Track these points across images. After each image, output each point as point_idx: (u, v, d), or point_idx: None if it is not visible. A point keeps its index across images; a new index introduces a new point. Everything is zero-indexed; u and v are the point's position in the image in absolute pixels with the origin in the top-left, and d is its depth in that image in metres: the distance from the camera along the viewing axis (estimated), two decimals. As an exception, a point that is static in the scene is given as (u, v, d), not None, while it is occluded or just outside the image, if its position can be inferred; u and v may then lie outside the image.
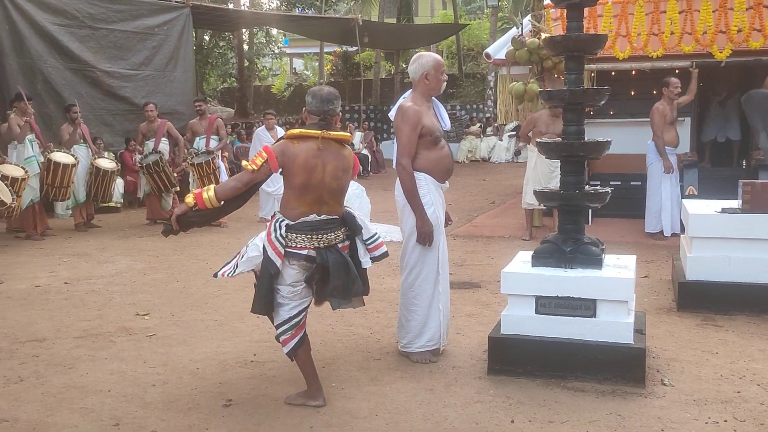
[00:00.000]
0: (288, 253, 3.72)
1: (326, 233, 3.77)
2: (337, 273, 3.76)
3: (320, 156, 3.76)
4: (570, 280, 4.18)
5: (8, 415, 3.82)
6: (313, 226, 3.75)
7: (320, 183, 3.76)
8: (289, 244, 3.73)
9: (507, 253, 7.67)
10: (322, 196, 3.78)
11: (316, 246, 3.74)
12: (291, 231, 3.74)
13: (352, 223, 3.91)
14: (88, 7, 12.36)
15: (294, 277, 3.77)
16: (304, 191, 3.75)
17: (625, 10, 8.79)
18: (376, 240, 4.05)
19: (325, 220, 3.79)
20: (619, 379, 4.03)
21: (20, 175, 8.54)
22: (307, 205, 3.77)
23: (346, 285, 3.81)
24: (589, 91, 4.45)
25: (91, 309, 5.93)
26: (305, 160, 3.72)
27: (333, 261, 3.75)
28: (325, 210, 3.80)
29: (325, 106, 3.83)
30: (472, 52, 30.14)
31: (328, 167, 3.78)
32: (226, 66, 25.78)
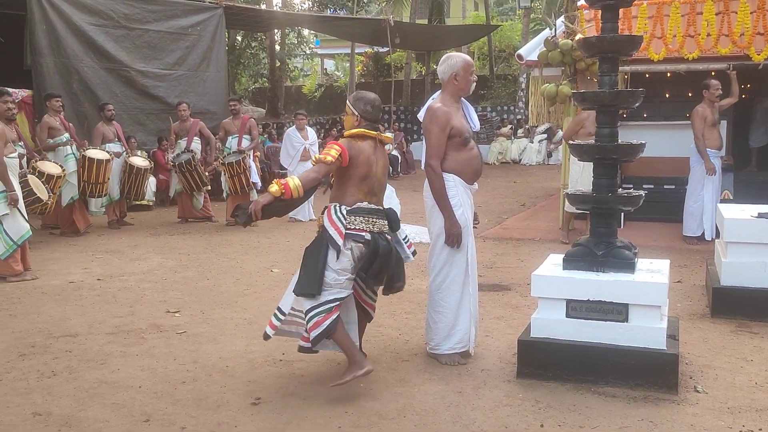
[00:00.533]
0: (348, 235, 4.01)
1: (378, 219, 4.13)
2: (383, 258, 4.06)
3: (375, 153, 4.19)
4: (602, 284, 4.13)
5: (42, 409, 3.88)
6: (367, 211, 4.10)
7: (374, 176, 4.18)
8: (348, 225, 4.02)
9: (537, 255, 7.61)
10: (374, 187, 4.20)
11: (371, 229, 4.06)
12: (350, 214, 4.06)
13: (393, 218, 4.26)
14: (123, 8, 12.53)
15: (343, 264, 4.00)
16: (362, 182, 4.13)
17: (661, 12, 8.67)
18: (407, 241, 4.43)
19: (375, 208, 4.17)
20: (651, 385, 3.97)
21: (57, 173, 8.67)
22: (362, 194, 4.14)
23: (381, 270, 4.10)
24: (623, 93, 4.39)
25: (123, 305, 6.00)
26: (368, 156, 4.14)
27: (383, 246, 4.06)
28: (374, 201, 4.20)
29: (378, 114, 4.27)
30: (504, 53, 29.98)
31: (380, 163, 4.23)
32: (257, 66, 25.95)
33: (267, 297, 6.23)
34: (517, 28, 29.92)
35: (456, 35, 23.52)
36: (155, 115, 13.16)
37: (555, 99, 8.99)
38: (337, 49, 33.88)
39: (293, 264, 7.50)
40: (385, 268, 4.12)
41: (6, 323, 5.48)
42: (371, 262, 4.05)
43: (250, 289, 6.55)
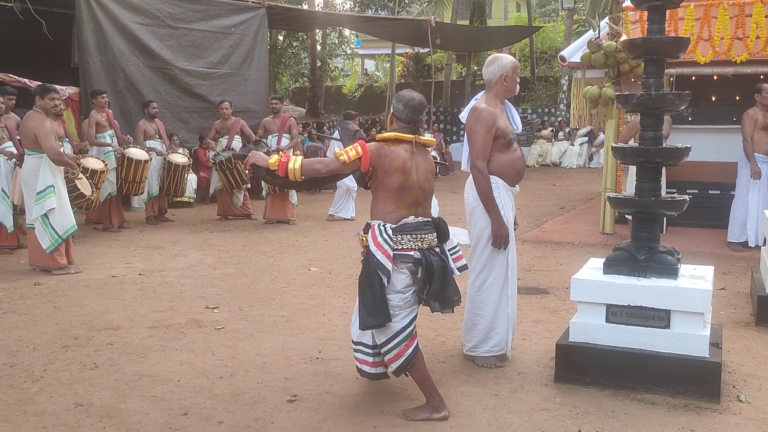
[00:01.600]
0: (396, 256, 3.66)
1: (427, 234, 3.76)
2: (440, 275, 3.71)
3: (413, 159, 3.80)
4: (643, 289, 4.07)
5: (84, 399, 3.95)
6: (414, 226, 3.74)
7: (415, 184, 3.78)
8: (396, 246, 3.67)
9: (576, 259, 7.53)
10: (418, 197, 3.80)
11: (419, 247, 3.71)
12: (396, 233, 3.69)
13: (443, 229, 3.87)
14: (168, 7, 12.70)
15: (404, 282, 3.71)
16: (401, 193, 3.75)
17: (708, 14, 8.49)
18: (457, 252, 3.99)
19: (423, 221, 3.79)
20: (693, 394, 3.90)
21: (100, 168, 8.84)
22: (405, 207, 3.77)
23: (444, 288, 3.76)
24: (669, 96, 4.31)
25: (163, 300, 6.09)
26: (402, 162, 3.75)
27: (436, 263, 3.72)
28: (421, 212, 3.82)
29: (416, 116, 3.88)
30: (546, 54, 29.70)
31: (420, 169, 3.82)
32: (298, 66, 26.11)
33: (304, 295, 6.26)
34: (559, 29, 29.63)
35: (497, 36, 23.37)
36: (198, 113, 13.32)
37: (597, 101, 8.88)
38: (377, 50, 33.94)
39: (331, 262, 7.55)
40: (446, 287, 3.77)
41: (51, 315, 5.60)
42: (428, 283, 3.72)
43: (287, 287, 6.59)
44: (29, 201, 7.03)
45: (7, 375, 4.32)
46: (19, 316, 5.57)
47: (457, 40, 22.01)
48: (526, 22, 29.70)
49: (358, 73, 36.05)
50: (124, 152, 9.57)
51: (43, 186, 6.88)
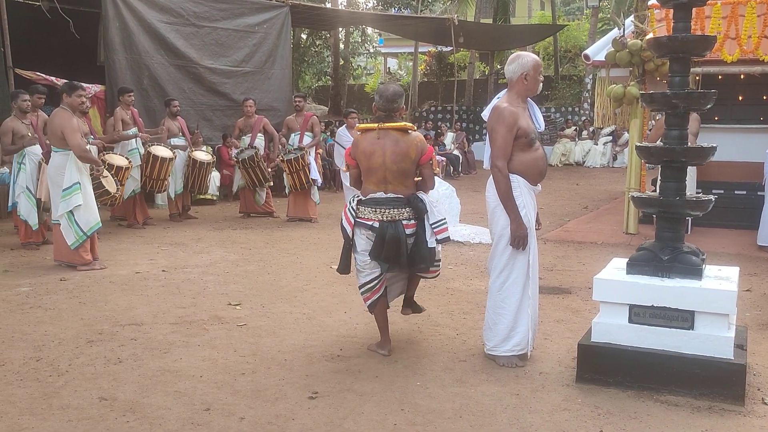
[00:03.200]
0: (357, 223, 4.47)
1: (390, 209, 4.41)
2: (389, 243, 4.36)
3: (380, 144, 4.43)
4: (667, 290, 4.03)
5: (108, 394, 4.00)
6: (378, 201, 4.43)
7: (381, 165, 4.42)
8: (358, 215, 4.47)
9: (599, 259, 7.47)
10: (386, 176, 4.44)
11: (380, 219, 4.40)
12: (361, 205, 4.49)
13: (415, 205, 4.44)
14: (193, 6, 12.81)
15: (362, 246, 4.48)
16: (368, 173, 4.50)
17: (736, 12, 8.39)
18: (441, 225, 4.52)
19: (391, 197, 4.43)
20: (717, 396, 3.86)
21: (124, 165, 8.94)
22: (373, 184, 4.48)
23: (394, 256, 4.39)
24: (694, 95, 4.26)
25: (186, 297, 6.14)
26: (364, 148, 4.47)
27: (390, 233, 4.37)
28: (390, 189, 4.45)
29: (389, 105, 4.52)
30: (570, 53, 29.52)
31: (388, 152, 4.42)
32: (321, 64, 26.20)
33: (326, 293, 6.28)
34: (583, 28, 29.45)
35: (521, 35, 23.26)
36: (221, 112, 13.42)
37: (622, 100, 8.81)
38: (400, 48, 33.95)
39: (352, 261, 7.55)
40: (394, 254, 4.37)
41: (76, 310, 5.68)
42: (380, 248, 4.37)
43: (309, 284, 6.62)
44: (55, 197, 7.12)
45: (33, 369, 4.38)
46: (45, 311, 5.65)
47: (480, 38, 21.94)
48: (550, 21, 29.51)
49: (381, 72, 36.08)
50: (149, 149, 9.66)
51: (69, 183, 6.97)
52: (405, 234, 4.42)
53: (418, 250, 4.45)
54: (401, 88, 4.66)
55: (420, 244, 4.45)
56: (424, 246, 4.45)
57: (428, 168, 4.58)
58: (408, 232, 4.44)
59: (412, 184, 4.54)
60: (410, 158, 4.44)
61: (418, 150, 4.48)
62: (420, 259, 4.46)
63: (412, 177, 4.55)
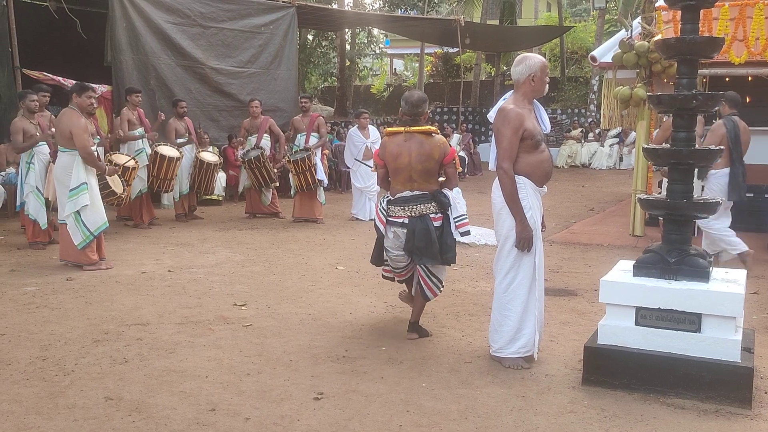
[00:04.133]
0: (389, 221, 4.85)
1: (417, 205, 4.77)
2: (420, 236, 4.72)
3: (406, 146, 4.79)
4: (674, 292, 4.02)
5: (114, 393, 4.00)
6: (406, 200, 4.80)
7: (407, 166, 4.79)
8: (389, 214, 4.86)
9: (605, 261, 7.46)
10: (411, 176, 4.80)
11: (409, 215, 4.77)
12: (391, 204, 4.86)
13: (439, 199, 4.80)
14: (199, 6, 12.83)
15: (391, 242, 4.87)
16: (396, 173, 4.86)
17: (743, 13, 8.35)
18: (463, 219, 4.91)
19: (417, 195, 4.80)
20: (724, 399, 3.84)
21: (130, 165, 8.96)
22: (400, 183, 4.85)
23: (426, 246, 4.73)
24: (702, 97, 4.25)
25: (191, 297, 6.14)
26: (392, 150, 4.85)
27: (419, 227, 4.73)
28: (416, 187, 4.81)
29: (414, 110, 4.86)
30: (576, 55, 29.44)
31: (413, 153, 4.78)
32: (327, 65, 26.22)
33: (331, 294, 6.28)
34: (590, 29, 29.38)
35: (527, 36, 23.22)
36: (227, 112, 13.44)
37: (629, 102, 8.78)
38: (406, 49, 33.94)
39: (358, 261, 7.56)
40: (425, 244, 4.71)
41: (82, 310, 5.69)
42: (413, 241, 4.74)
43: (315, 285, 6.62)
44: (62, 197, 7.13)
45: (39, 368, 4.39)
46: (52, 311, 5.66)
47: (487, 40, 21.93)
48: (556, 22, 29.47)
49: (387, 73, 36.08)
50: (156, 149, 9.68)
51: (76, 183, 6.98)
52: (434, 225, 4.77)
53: (445, 240, 4.81)
54: (425, 94, 5.00)
55: (446, 235, 4.82)
56: (450, 237, 4.83)
57: (451, 167, 4.95)
58: (435, 224, 4.80)
59: (435, 182, 4.90)
60: (434, 159, 4.81)
61: (441, 151, 4.83)
62: (447, 249, 4.81)
63: (436, 176, 4.91)
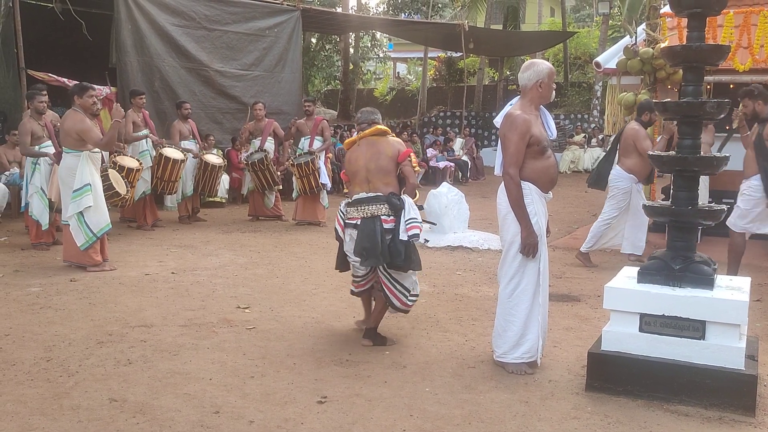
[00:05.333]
0: (346, 224, 4.92)
1: (370, 206, 4.80)
2: (367, 236, 4.73)
3: (360, 149, 4.97)
4: (678, 299, 4.02)
5: (118, 395, 4.01)
6: (360, 201, 4.86)
7: (363, 168, 4.90)
8: (346, 217, 4.92)
9: (608, 267, 7.46)
10: (367, 176, 4.89)
11: (362, 216, 4.81)
12: (348, 206, 4.94)
13: (392, 201, 4.80)
14: (204, 9, 12.86)
15: (347, 246, 4.92)
16: (353, 177, 4.99)
17: (748, 21, 8.38)
18: (413, 222, 4.79)
19: (371, 196, 4.83)
20: (727, 406, 3.84)
21: (135, 167, 8.97)
22: (357, 185, 4.95)
23: (371, 247, 4.71)
24: (708, 104, 4.25)
25: (195, 299, 6.15)
26: (349, 157, 5.06)
27: (368, 228, 4.75)
28: (372, 188, 4.87)
29: (368, 117, 5.10)
30: (579, 60, 29.48)
31: (367, 153, 4.92)
32: (331, 68, 26.22)
33: (334, 297, 6.28)
34: (594, 35, 29.41)
35: (531, 41, 23.23)
36: (231, 115, 13.46)
37: (633, 108, 8.79)
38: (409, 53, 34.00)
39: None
40: (371, 246, 4.70)
41: (86, 311, 5.70)
42: (359, 242, 4.77)
43: (318, 288, 6.62)
44: (65, 198, 7.15)
45: (43, 369, 4.40)
46: (55, 312, 5.67)
47: (490, 44, 21.93)
48: (560, 28, 29.50)
49: (390, 77, 36.13)
50: (161, 151, 9.70)
51: (80, 184, 6.99)
52: (383, 228, 4.76)
53: (395, 244, 4.75)
54: (375, 109, 5.27)
55: (395, 238, 4.76)
56: (399, 240, 4.74)
57: (407, 165, 4.96)
58: (386, 227, 4.77)
59: (392, 182, 4.91)
60: (387, 155, 4.89)
61: (394, 149, 4.93)
62: (397, 254, 4.73)
63: (392, 176, 4.92)
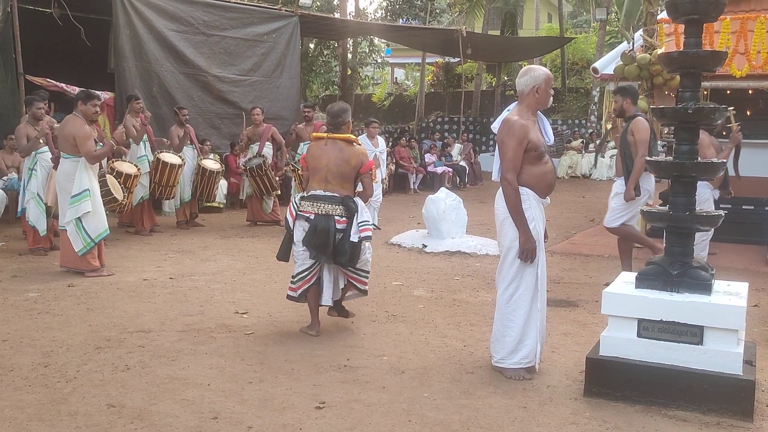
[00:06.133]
0: (297, 215, 5.17)
1: (325, 204, 5.10)
2: (319, 233, 5.04)
3: (326, 149, 5.20)
4: (676, 305, 4.03)
5: (116, 401, 4.01)
6: (317, 197, 5.13)
7: (325, 167, 5.17)
8: (299, 209, 5.18)
9: (605, 272, 7.48)
10: (327, 177, 5.17)
11: (316, 212, 5.09)
12: (303, 200, 5.20)
13: (347, 204, 5.11)
14: (202, 15, 12.87)
15: (299, 237, 5.16)
16: (314, 172, 5.24)
17: (745, 27, 8.41)
18: (365, 224, 5.14)
19: (328, 195, 5.12)
20: (725, 412, 3.85)
21: (132, 173, 8.97)
22: (316, 182, 5.21)
23: (323, 244, 5.04)
24: (705, 110, 4.27)
25: (193, 304, 6.15)
26: (313, 152, 5.28)
27: (321, 225, 5.05)
28: (329, 188, 5.15)
29: (335, 120, 5.28)
30: (577, 66, 29.54)
31: (332, 157, 5.17)
32: (329, 74, 26.26)
33: (333, 302, 6.28)
34: (591, 40, 29.47)
35: (529, 47, 23.29)
36: (229, 120, 13.46)
37: (630, 113, 8.81)
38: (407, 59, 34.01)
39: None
40: (323, 243, 5.03)
41: (84, 317, 5.69)
42: (311, 236, 5.05)
43: (316, 293, 6.61)
44: (63, 204, 7.14)
45: (41, 375, 4.39)
46: (53, 317, 5.67)
47: (488, 50, 21.98)
48: (557, 33, 29.56)
49: (388, 82, 36.13)
50: (159, 156, 9.70)
51: (79, 189, 6.99)
52: (335, 228, 5.08)
53: (343, 244, 5.07)
54: (347, 105, 5.47)
55: (345, 239, 5.07)
56: (348, 241, 5.06)
57: (367, 177, 5.29)
58: (338, 227, 5.09)
59: (349, 187, 5.23)
60: (350, 164, 5.19)
61: (358, 160, 5.21)
62: (342, 253, 5.07)
63: (351, 182, 5.24)
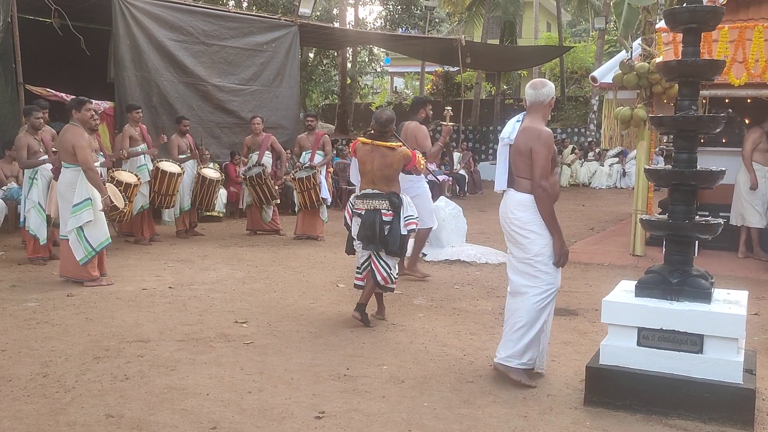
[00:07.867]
0: (354, 213, 5.80)
1: (373, 200, 5.71)
2: (368, 225, 5.62)
3: (371, 155, 5.78)
4: (676, 313, 4.02)
5: (114, 411, 3.99)
6: (366, 195, 5.76)
7: (370, 171, 5.78)
8: (354, 207, 5.80)
9: (606, 281, 7.46)
10: (373, 179, 5.77)
11: (366, 208, 5.69)
12: (356, 198, 5.83)
13: (391, 199, 5.69)
14: (202, 24, 12.90)
15: (354, 232, 5.77)
16: (363, 175, 5.86)
17: (743, 36, 8.41)
18: (411, 219, 5.83)
19: (376, 193, 5.74)
20: (726, 420, 3.84)
21: (133, 182, 8.97)
22: (365, 183, 5.84)
23: (371, 235, 5.60)
24: (704, 119, 4.28)
25: (192, 314, 6.14)
26: (360, 156, 5.89)
27: (369, 219, 5.64)
28: (377, 187, 5.76)
29: (382, 128, 5.81)
30: (576, 74, 29.65)
31: (376, 163, 5.75)
32: (328, 83, 26.34)
33: (332, 311, 6.27)
34: (590, 49, 29.57)
35: (528, 56, 23.37)
36: (229, 129, 13.47)
37: (629, 122, 8.82)
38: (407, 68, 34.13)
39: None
40: (371, 233, 5.58)
41: (83, 326, 5.68)
42: (362, 229, 5.65)
43: (315, 302, 6.61)
44: (64, 213, 7.14)
45: (40, 385, 4.38)
46: (52, 327, 5.66)
47: (488, 59, 22.04)
48: (556, 42, 29.68)
49: (388, 91, 36.23)
50: (158, 165, 9.71)
51: (80, 198, 6.99)
52: (382, 220, 5.64)
53: (392, 234, 5.68)
54: (393, 114, 5.92)
55: (393, 230, 5.70)
56: (397, 231, 5.71)
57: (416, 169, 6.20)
58: (385, 219, 5.65)
59: (394, 186, 5.81)
60: (393, 168, 5.77)
61: (400, 163, 5.81)
62: (392, 242, 5.66)
63: (395, 181, 5.83)
